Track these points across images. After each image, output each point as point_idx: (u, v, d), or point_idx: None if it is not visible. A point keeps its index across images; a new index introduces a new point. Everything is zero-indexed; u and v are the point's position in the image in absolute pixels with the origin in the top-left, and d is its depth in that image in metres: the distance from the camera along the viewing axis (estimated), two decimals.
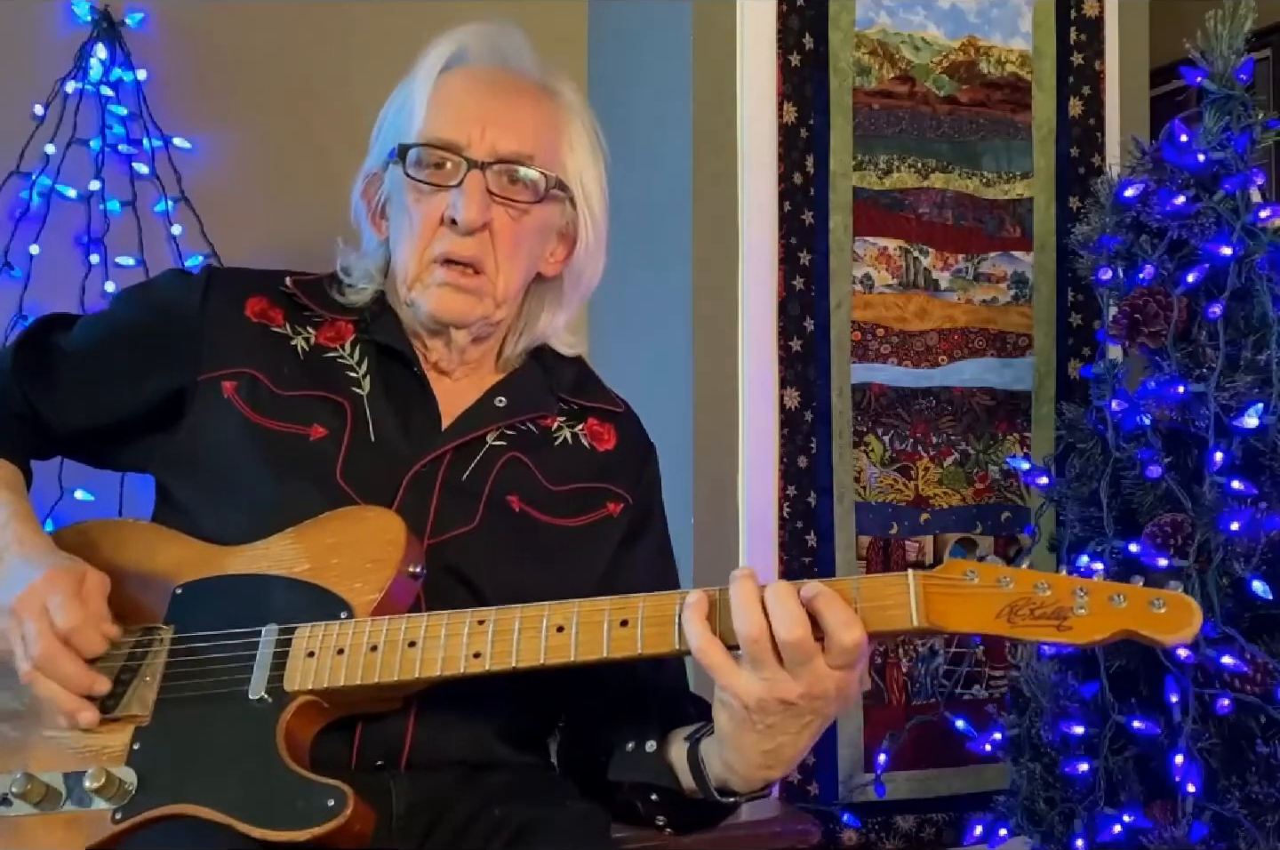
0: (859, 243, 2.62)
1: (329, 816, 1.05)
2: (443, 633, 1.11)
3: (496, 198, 1.26)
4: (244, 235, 2.47)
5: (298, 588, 1.17)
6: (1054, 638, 1.01)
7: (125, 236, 2.46)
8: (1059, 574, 1.03)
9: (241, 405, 1.26)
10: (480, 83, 1.30)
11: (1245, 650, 2.02)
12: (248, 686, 1.13)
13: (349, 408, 1.28)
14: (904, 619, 1.03)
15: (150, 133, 2.46)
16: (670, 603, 1.08)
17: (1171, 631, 1.01)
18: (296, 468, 1.24)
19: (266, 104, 2.56)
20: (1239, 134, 2.20)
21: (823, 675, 1.03)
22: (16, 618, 1.14)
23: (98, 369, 1.32)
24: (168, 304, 1.33)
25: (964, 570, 1.04)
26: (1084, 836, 2.14)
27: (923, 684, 2.60)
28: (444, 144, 1.26)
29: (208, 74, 2.52)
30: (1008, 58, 2.75)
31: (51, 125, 2.42)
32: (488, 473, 1.29)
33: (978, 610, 1.02)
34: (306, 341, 1.32)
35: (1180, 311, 2.16)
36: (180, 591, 1.20)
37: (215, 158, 2.52)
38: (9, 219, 2.40)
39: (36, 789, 1.12)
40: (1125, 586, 1.02)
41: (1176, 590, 1.02)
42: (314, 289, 1.35)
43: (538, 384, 1.38)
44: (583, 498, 1.33)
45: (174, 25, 2.51)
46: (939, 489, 2.67)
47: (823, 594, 1.03)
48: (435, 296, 1.28)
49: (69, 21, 2.45)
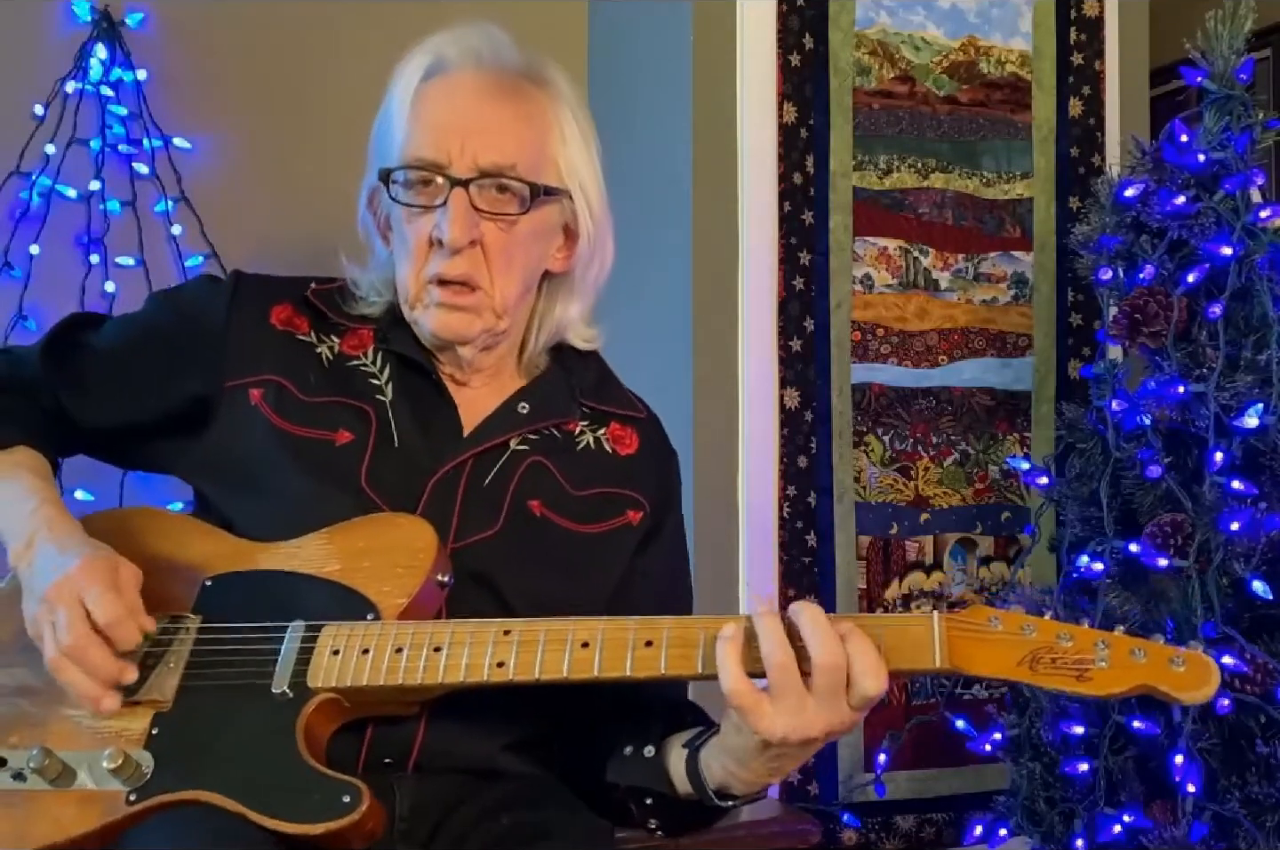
0: (859, 243, 2.62)
1: (344, 812, 1.06)
2: (468, 640, 1.11)
3: (484, 213, 1.25)
4: (244, 235, 2.47)
5: (327, 587, 1.18)
6: (1074, 688, 1.03)
7: (125, 236, 2.46)
8: (1082, 626, 1.06)
9: (268, 412, 1.27)
10: (458, 93, 1.27)
11: (1245, 650, 2.02)
12: (271, 680, 1.13)
13: (373, 414, 1.29)
14: (926, 660, 1.05)
15: (150, 133, 2.46)
16: (694, 627, 1.09)
17: (1189, 690, 1.03)
18: (323, 472, 1.25)
19: (266, 104, 2.56)
20: (1239, 134, 2.20)
21: (844, 713, 1.04)
22: (49, 605, 1.13)
23: (126, 370, 1.33)
24: (196, 310, 1.34)
25: (988, 616, 1.06)
26: (1084, 836, 2.14)
27: (923, 684, 2.60)
28: (425, 164, 1.24)
29: (208, 74, 2.52)
30: (1008, 58, 2.75)
31: (51, 125, 2.42)
32: (510, 477, 1.29)
33: (1000, 657, 1.05)
34: (331, 350, 1.33)
35: (1180, 311, 2.16)
36: (210, 583, 1.21)
37: (215, 158, 2.52)
38: (9, 219, 2.40)
39: (54, 766, 1.12)
40: (1146, 642, 1.04)
41: (1197, 650, 1.04)
42: (333, 298, 1.36)
43: (560, 389, 1.38)
44: (604, 503, 1.33)
45: (174, 25, 2.51)
46: (939, 489, 2.67)
47: (855, 635, 1.04)
48: (434, 316, 1.28)
49: (69, 21, 2.45)
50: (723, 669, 1.04)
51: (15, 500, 1.24)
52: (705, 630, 1.08)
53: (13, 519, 1.22)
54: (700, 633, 1.08)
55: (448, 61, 1.27)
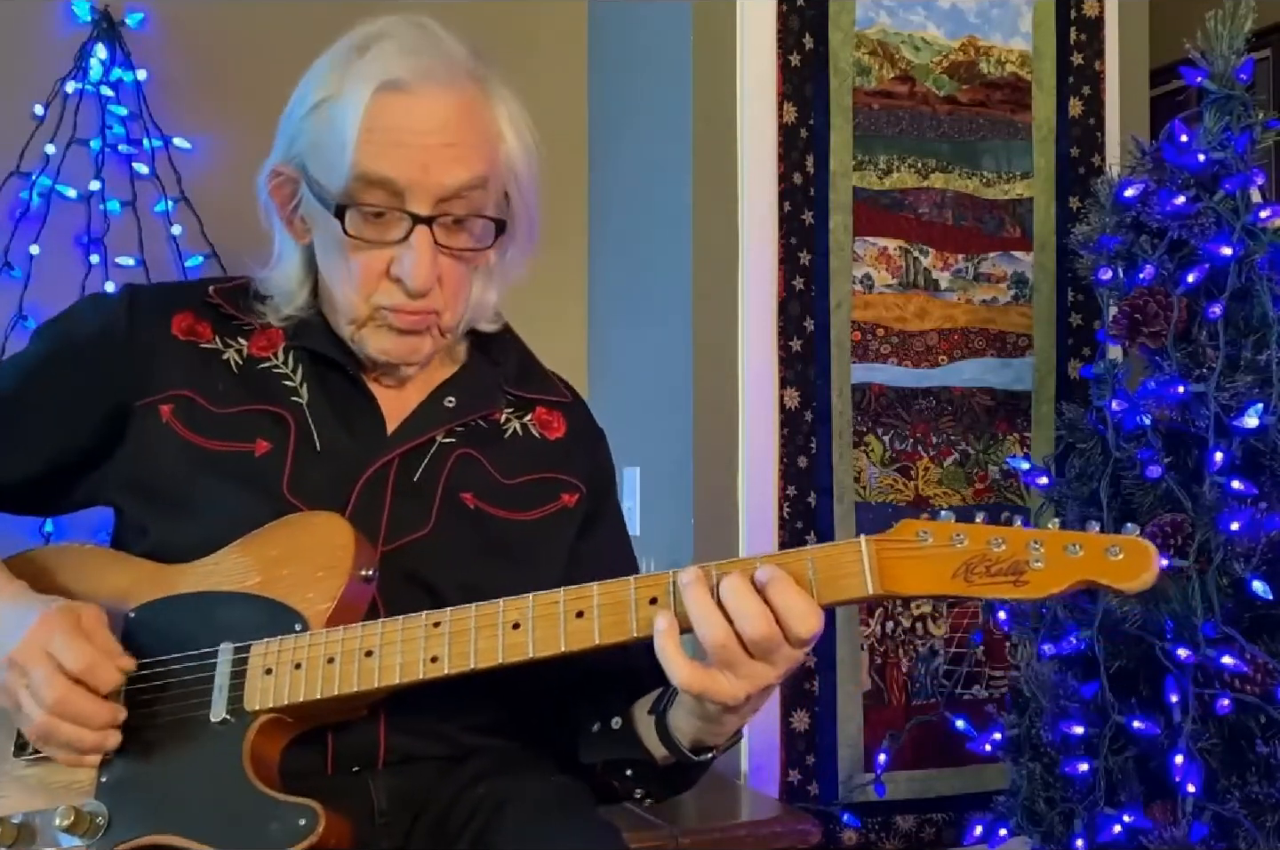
0: (859, 243, 2.62)
1: (302, 836, 1.05)
2: (399, 638, 1.09)
3: (444, 249, 1.20)
4: (244, 235, 2.45)
5: (250, 603, 1.15)
6: (1011, 594, 0.99)
7: (125, 236, 2.46)
8: (1014, 527, 1.01)
9: (181, 428, 1.23)
10: (415, 112, 1.17)
11: (1245, 650, 2.02)
12: (209, 709, 1.12)
13: (290, 419, 1.24)
14: (859, 587, 1.01)
15: (150, 133, 2.46)
16: (624, 589, 1.07)
17: (1130, 578, 0.98)
18: (244, 485, 1.21)
19: (267, 104, 2.54)
20: (1239, 134, 2.20)
21: (789, 656, 1.03)
22: (19, 669, 1.10)
23: (26, 418, 1.26)
24: (90, 334, 1.27)
25: (917, 531, 1.02)
26: (1084, 836, 2.14)
27: (923, 684, 2.61)
28: (383, 200, 1.17)
29: (208, 74, 2.53)
30: (1008, 58, 2.75)
31: (51, 125, 2.42)
32: (439, 471, 1.26)
33: (933, 572, 1.00)
34: (239, 353, 1.27)
35: (1180, 311, 2.16)
36: (134, 615, 1.18)
37: (215, 158, 2.52)
38: (9, 219, 2.40)
39: (7, 832, 1.11)
40: (1080, 535, 0.99)
41: (1134, 535, 0.99)
42: (239, 296, 1.31)
43: (485, 379, 1.33)
44: (536, 488, 1.30)
45: (174, 25, 2.51)
46: (939, 489, 2.67)
47: (777, 580, 1.02)
48: (383, 339, 1.23)
49: (69, 21, 2.45)
50: (667, 664, 1.03)
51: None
52: (637, 589, 1.06)
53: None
54: (630, 593, 1.06)
55: (402, 80, 1.18)
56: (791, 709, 2.51)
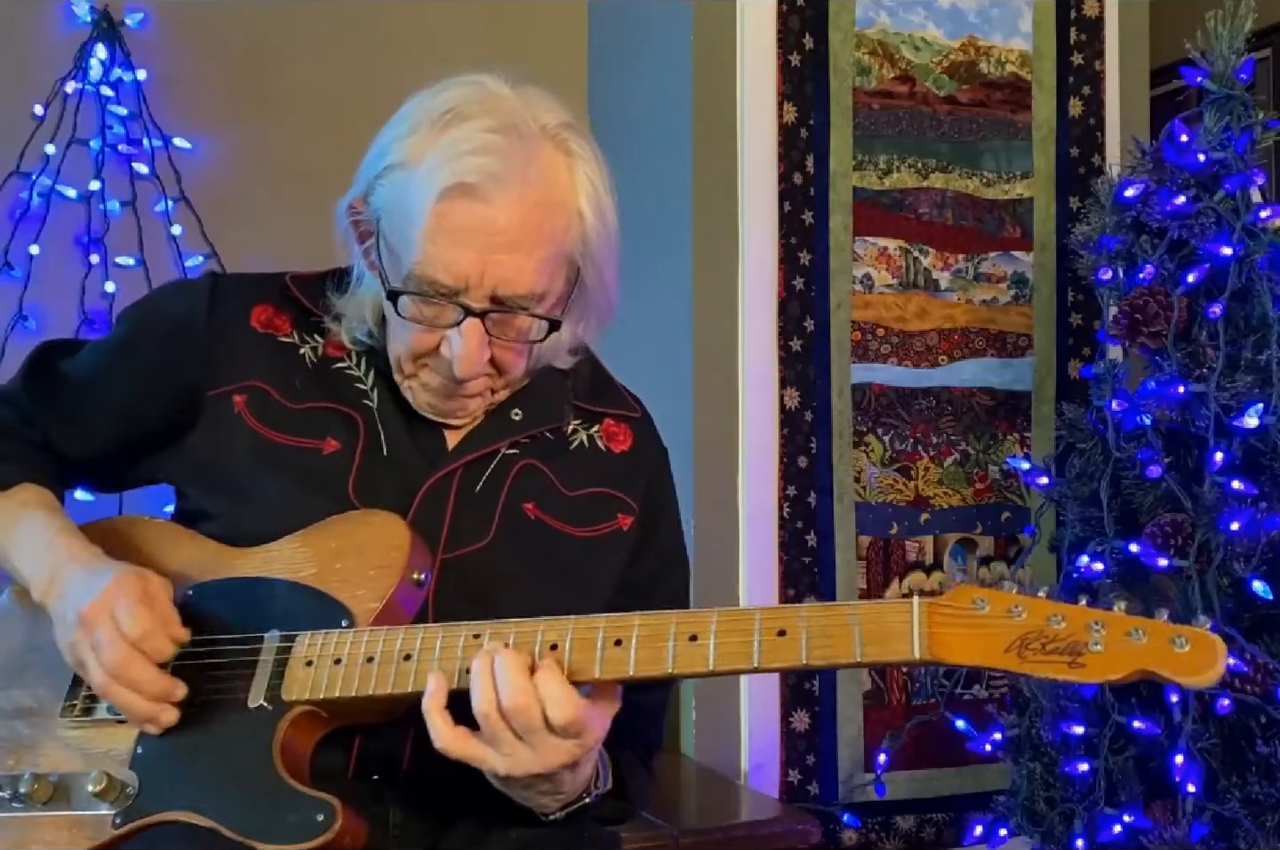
0: (859, 243, 2.62)
1: (317, 832, 1.05)
2: (438, 646, 1.10)
3: (497, 339, 1.19)
4: (244, 235, 2.48)
5: (302, 593, 1.17)
6: (1065, 676, 0.95)
7: (125, 236, 2.46)
8: (1076, 605, 0.97)
9: (252, 420, 1.24)
10: (482, 214, 1.14)
11: (1245, 650, 2.02)
12: (248, 694, 1.13)
13: (360, 420, 1.25)
14: (904, 651, 0.98)
15: (150, 133, 2.46)
16: (666, 623, 1.06)
17: (1193, 673, 0.93)
18: (311, 483, 1.22)
19: (266, 104, 2.56)
20: (1239, 134, 2.20)
21: (554, 745, 1.03)
22: (86, 627, 1.12)
23: (108, 396, 1.30)
24: (171, 322, 1.30)
25: (973, 598, 0.98)
26: (1084, 837, 2.14)
27: (923, 684, 2.61)
28: (438, 291, 1.16)
29: (208, 74, 2.53)
30: (1008, 58, 2.75)
31: (51, 125, 2.42)
32: (502, 483, 1.26)
33: (985, 643, 0.97)
34: (314, 351, 1.29)
35: (1180, 311, 2.16)
36: (192, 592, 1.20)
37: (215, 158, 2.52)
38: (9, 219, 2.40)
39: (44, 789, 1.13)
40: (1146, 621, 0.95)
41: (1203, 628, 0.95)
42: (317, 290, 1.30)
43: (554, 393, 1.33)
44: (595, 504, 1.30)
45: (174, 25, 2.52)
46: (939, 489, 2.67)
47: (544, 669, 1.03)
48: (429, 397, 1.24)
49: (69, 21, 2.45)
50: (430, 725, 1.04)
51: (29, 539, 1.22)
52: (678, 624, 1.05)
53: (31, 560, 1.21)
54: (672, 628, 1.05)
55: (471, 185, 1.14)
56: (791, 709, 2.51)
